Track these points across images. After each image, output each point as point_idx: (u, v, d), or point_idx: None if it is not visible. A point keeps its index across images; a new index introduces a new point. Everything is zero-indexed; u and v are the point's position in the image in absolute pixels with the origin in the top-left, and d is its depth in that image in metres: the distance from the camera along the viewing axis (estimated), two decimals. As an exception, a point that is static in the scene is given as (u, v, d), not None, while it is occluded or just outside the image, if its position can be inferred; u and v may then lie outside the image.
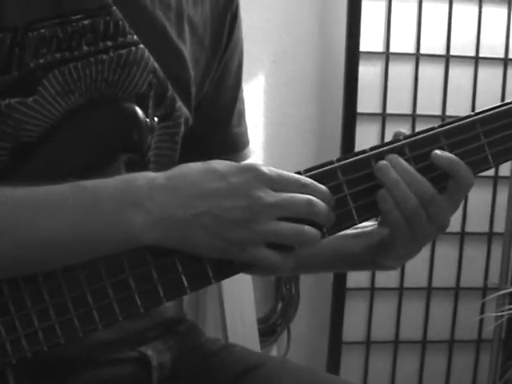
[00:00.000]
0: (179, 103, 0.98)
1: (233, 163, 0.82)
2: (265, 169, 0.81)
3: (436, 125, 0.86)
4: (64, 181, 0.80)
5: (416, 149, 0.85)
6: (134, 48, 0.91)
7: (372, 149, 0.85)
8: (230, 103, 1.12)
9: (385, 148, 0.85)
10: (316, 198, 0.81)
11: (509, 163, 2.42)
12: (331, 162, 0.84)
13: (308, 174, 0.84)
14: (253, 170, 0.80)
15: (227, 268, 0.82)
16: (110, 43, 0.89)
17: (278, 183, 0.80)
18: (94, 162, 0.91)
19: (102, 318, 0.79)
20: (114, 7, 0.89)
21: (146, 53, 0.92)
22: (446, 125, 0.86)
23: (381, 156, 0.84)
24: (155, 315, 1.03)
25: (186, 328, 1.12)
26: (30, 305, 0.78)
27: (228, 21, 1.06)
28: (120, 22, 0.90)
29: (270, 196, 0.79)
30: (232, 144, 1.13)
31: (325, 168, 0.84)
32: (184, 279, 0.80)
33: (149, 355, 1.01)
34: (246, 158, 1.15)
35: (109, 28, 0.89)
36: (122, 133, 0.92)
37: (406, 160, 0.85)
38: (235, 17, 1.08)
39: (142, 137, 0.93)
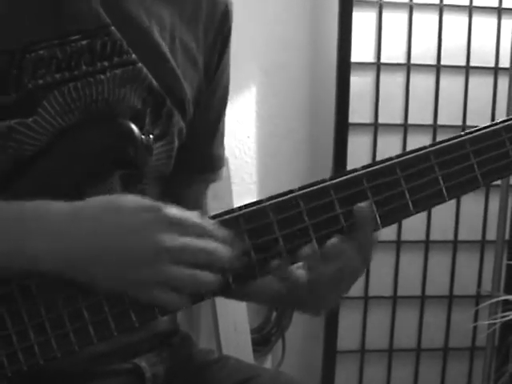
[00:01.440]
0: (176, 118, 0.99)
1: (138, 200, 0.81)
2: (168, 210, 0.80)
3: (394, 155, 0.86)
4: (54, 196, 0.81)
5: (373, 180, 0.85)
6: (130, 67, 0.92)
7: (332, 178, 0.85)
8: (214, 125, 1.13)
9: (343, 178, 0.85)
10: (216, 245, 0.80)
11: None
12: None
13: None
14: (156, 210, 0.79)
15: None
16: (106, 63, 0.91)
17: (179, 226, 0.79)
18: (89, 178, 0.91)
19: (97, 333, 0.80)
20: (113, 27, 0.91)
21: (144, 71, 0.94)
22: (403, 156, 0.86)
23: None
24: (149, 328, 1.03)
25: (180, 339, 1.13)
26: (26, 319, 0.79)
27: (219, 44, 1.07)
28: (118, 42, 0.91)
29: (169, 240, 0.78)
30: (210, 164, 1.14)
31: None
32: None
33: (142, 367, 1.02)
34: (218, 179, 1.16)
35: (106, 48, 0.90)
36: (117, 149, 0.93)
37: (363, 190, 0.85)
38: (226, 40, 1.09)
39: (138, 153, 0.94)
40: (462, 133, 0.87)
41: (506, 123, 0.88)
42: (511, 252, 2.41)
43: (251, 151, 2.39)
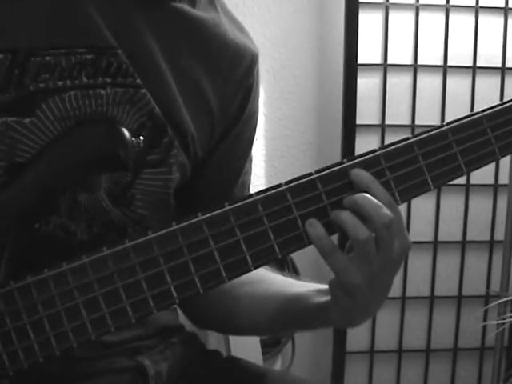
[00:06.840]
0: (176, 151, 0.99)
1: None
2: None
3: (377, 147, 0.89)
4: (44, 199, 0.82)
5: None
6: (131, 89, 0.93)
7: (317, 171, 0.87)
8: (236, 173, 1.12)
9: (330, 170, 0.88)
10: None
11: (507, 170, 2.42)
12: (280, 185, 0.86)
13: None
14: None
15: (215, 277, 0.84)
16: (108, 80, 0.92)
17: None
18: (79, 181, 0.92)
19: (95, 329, 0.81)
20: (120, 50, 0.92)
21: (148, 96, 0.94)
22: (385, 147, 0.88)
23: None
24: (148, 324, 1.04)
25: (185, 339, 1.14)
26: (25, 317, 0.80)
27: (241, 94, 1.07)
28: (124, 65, 0.92)
29: None
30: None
31: (274, 191, 0.86)
32: (173, 289, 0.82)
33: (145, 364, 1.03)
34: None
35: (110, 67, 0.92)
36: (107, 151, 0.94)
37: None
38: (249, 91, 1.08)
39: (128, 156, 0.93)
40: (444, 123, 0.88)
41: (487, 112, 0.89)
42: (520, 252, 2.41)
43: (259, 153, 2.40)
